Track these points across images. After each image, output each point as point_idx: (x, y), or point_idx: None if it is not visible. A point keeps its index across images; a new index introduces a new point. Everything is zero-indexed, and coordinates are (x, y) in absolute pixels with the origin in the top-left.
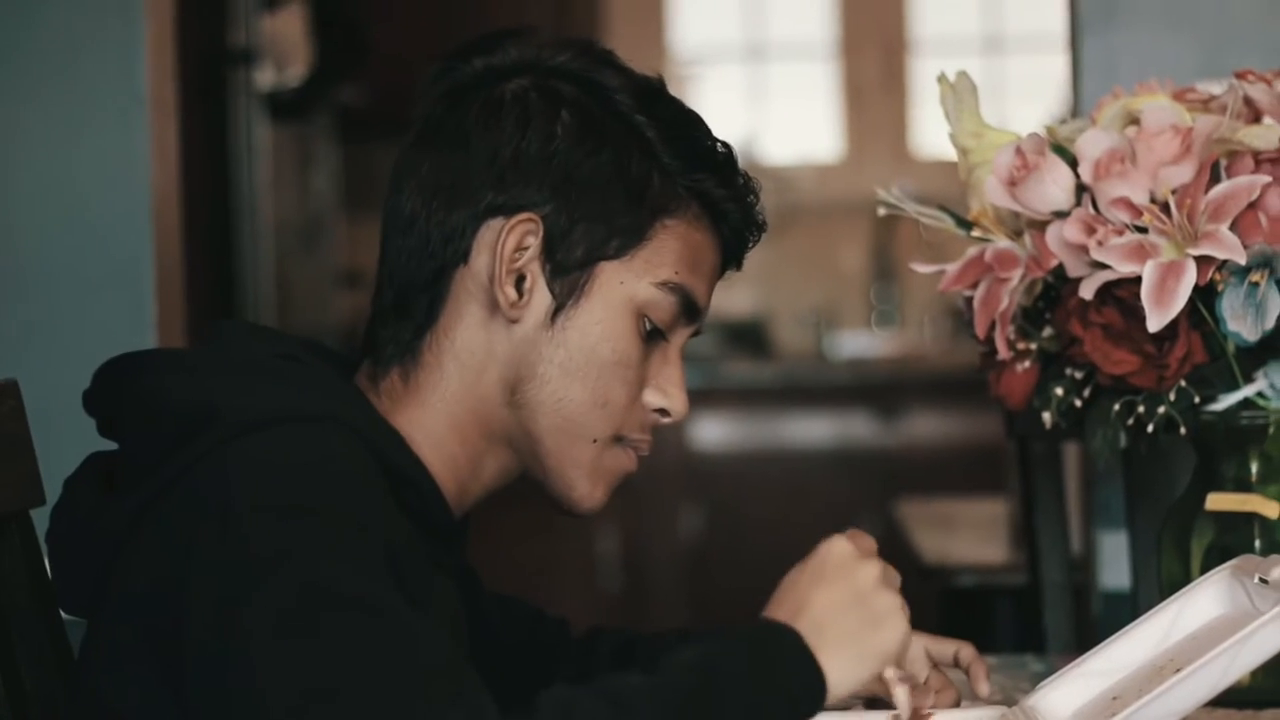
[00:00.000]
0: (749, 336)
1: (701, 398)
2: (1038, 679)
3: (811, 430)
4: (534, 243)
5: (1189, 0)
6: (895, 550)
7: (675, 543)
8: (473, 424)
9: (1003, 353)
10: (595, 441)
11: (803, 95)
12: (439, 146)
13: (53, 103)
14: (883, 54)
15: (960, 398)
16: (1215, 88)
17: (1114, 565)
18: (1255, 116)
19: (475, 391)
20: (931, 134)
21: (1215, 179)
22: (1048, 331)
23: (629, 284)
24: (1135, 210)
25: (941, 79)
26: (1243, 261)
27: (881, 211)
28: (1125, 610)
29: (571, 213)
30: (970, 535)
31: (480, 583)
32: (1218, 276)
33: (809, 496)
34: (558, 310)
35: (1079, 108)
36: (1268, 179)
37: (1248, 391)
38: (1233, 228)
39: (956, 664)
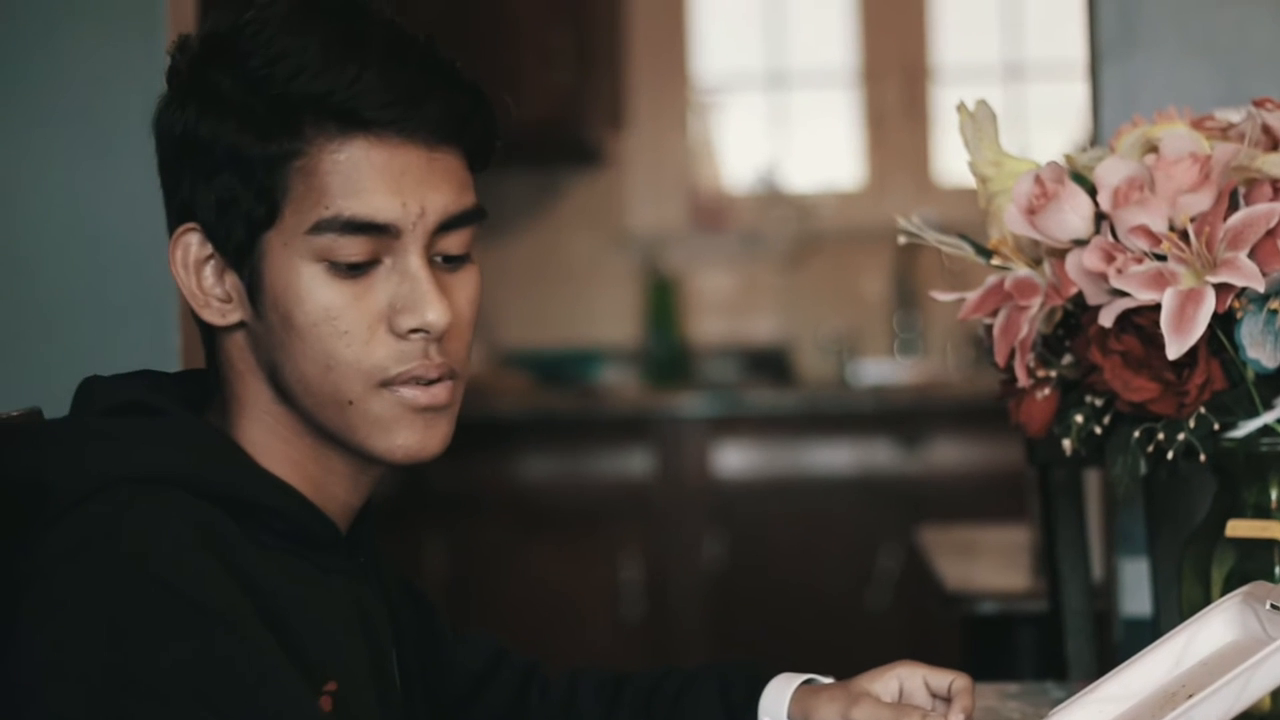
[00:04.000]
0: (771, 364)
1: (724, 425)
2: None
3: (834, 458)
4: (205, 245)
5: (1208, 28)
6: (917, 577)
7: (698, 570)
8: (282, 426)
9: (1022, 380)
10: (351, 403)
11: (824, 123)
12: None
13: (76, 131)
14: (904, 81)
15: (982, 425)
16: (1234, 115)
17: (1136, 592)
18: (1273, 144)
19: (260, 395)
20: (953, 161)
21: (1234, 206)
22: (1067, 359)
23: (291, 242)
24: (1154, 238)
25: (961, 107)
26: (1261, 289)
27: (902, 240)
28: (1147, 637)
29: (212, 201)
30: (992, 562)
31: (415, 593)
32: (1236, 304)
33: (831, 524)
34: (252, 298)
35: (1099, 135)
36: None
37: (1267, 418)
38: (1251, 255)
39: (949, 695)
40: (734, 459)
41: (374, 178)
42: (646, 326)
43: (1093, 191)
